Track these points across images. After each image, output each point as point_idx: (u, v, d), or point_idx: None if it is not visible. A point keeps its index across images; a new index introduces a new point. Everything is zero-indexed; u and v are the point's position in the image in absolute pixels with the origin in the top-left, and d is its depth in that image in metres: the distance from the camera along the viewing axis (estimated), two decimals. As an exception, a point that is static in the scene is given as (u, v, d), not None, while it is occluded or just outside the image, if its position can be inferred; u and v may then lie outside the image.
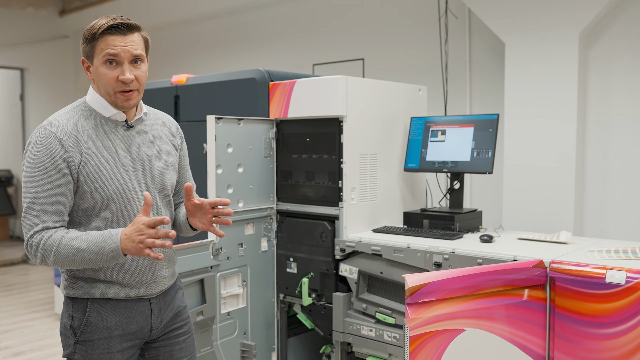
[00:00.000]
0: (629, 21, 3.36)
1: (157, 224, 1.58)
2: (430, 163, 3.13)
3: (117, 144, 1.77)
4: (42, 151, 1.67)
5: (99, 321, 1.75)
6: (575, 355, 2.22)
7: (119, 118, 1.79)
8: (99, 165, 1.71)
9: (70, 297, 1.78)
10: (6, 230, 8.36)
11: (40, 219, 1.66)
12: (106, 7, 6.55)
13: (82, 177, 1.69)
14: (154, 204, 1.83)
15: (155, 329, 1.86)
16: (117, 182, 1.73)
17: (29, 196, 1.67)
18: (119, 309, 1.77)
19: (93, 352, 1.74)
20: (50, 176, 1.66)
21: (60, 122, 1.72)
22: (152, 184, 1.82)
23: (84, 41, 1.76)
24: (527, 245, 2.67)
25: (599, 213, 3.50)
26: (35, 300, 5.49)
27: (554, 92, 3.45)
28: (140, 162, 1.81)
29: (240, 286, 3.02)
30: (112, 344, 1.76)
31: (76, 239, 1.64)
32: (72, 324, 1.76)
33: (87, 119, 1.76)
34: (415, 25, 4.42)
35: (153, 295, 1.84)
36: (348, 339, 2.94)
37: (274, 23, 5.46)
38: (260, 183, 3.10)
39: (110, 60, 1.72)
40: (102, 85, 1.74)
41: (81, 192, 1.71)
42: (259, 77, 3.18)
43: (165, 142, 1.91)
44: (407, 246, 2.73)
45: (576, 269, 2.23)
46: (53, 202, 1.67)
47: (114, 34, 1.71)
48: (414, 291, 2.07)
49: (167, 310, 1.90)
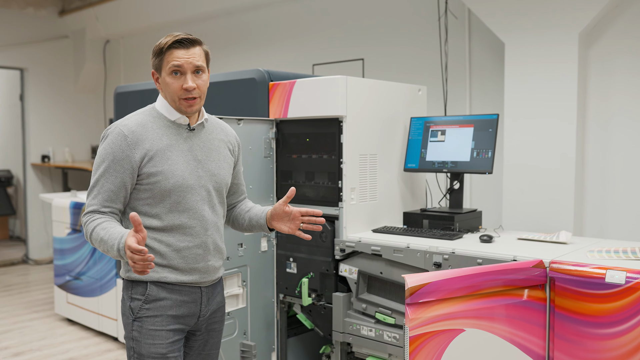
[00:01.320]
0: (628, 21, 3.36)
1: (139, 253, 1.66)
2: (430, 163, 3.13)
3: (180, 144, 1.97)
4: (110, 145, 1.90)
5: (156, 300, 1.93)
6: (575, 355, 2.22)
7: (183, 122, 1.99)
8: (162, 161, 1.91)
9: (130, 280, 1.97)
10: (6, 230, 8.36)
11: (93, 201, 1.90)
12: (106, 7, 6.55)
13: (146, 171, 1.90)
14: (210, 200, 2.00)
15: (203, 317, 2.03)
16: (176, 177, 1.92)
17: (93, 181, 1.93)
18: (173, 292, 1.95)
19: (147, 328, 1.92)
20: (111, 168, 1.89)
21: (129, 122, 1.94)
22: (209, 181, 2.00)
23: (154, 56, 1.96)
24: (526, 246, 2.67)
25: (598, 213, 3.50)
26: (35, 300, 5.49)
27: (553, 92, 3.45)
28: (200, 161, 1.99)
29: (240, 286, 3.02)
30: (165, 322, 1.94)
31: (104, 229, 1.83)
32: (131, 304, 1.95)
33: (155, 120, 1.96)
34: (415, 25, 4.42)
35: (204, 285, 2.02)
36: (348, 339, 2.94)
37: (274, 23, 5.46)
38: (260, 183, 3.10)
39: (175, 71, 1.92)
40: (169, 93, 1.95)
41: (144, 183, 1.91)
42: (259, 77, 3.18)
43: (223, 147, 2.09)
44: (407, 246, 2.73)
45: (576, 269, 2.23)
46: (107, 191, 1.89)
47: (178, 48, 1.91)
48: (413, 291, 2.07)
49: (214, 302, 2.07)
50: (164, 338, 1.93)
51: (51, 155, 7.16)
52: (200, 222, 1.97)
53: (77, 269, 4.57)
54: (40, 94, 7.12)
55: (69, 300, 4.71)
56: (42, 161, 7.14)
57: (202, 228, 1.98)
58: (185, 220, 1.95)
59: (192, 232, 1.96)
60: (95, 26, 6.89)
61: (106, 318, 4.34)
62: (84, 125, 7.46)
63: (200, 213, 1.97)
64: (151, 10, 6.16)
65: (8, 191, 8.18)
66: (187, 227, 1.95)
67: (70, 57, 7.38)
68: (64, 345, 4.31)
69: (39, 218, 7.20)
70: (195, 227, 1.96)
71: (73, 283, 4.63)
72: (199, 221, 1.97)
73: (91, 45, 7.19)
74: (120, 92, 4.02)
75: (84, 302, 4.53)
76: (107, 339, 4.39)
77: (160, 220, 1.93)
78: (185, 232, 1.95)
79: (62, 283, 4.76)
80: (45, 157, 7.13)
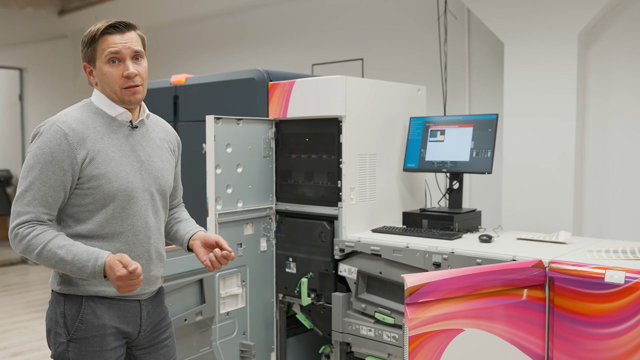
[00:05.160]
0: (628, 21, 3.36)
1: (133, 278, 1.60)
2: (430, 163, 3.13)
3: (122, 143, 1.80)
4: (46, 144, 1.70)
5: (93, 318, 1.76)
6: (575, 355, 2.22)
7: (125, 118, 1.82)
8: (104, 163, 1.74)
9: (62, 294, 1.79)
10: (5, 230, 8.36)
11: (28, 209, 1.69)
12: (105, 7, 6.55)
13: (87, 173, 1.72)
14: (154, 205, 1.86)
15: (143, 331, 1.87)
16: (121, 180, 1.76)
17: (24, 184, 1.71)
18: (112, 307, 1.79)
19: (87, 350, 1.75)
20: (48, 169, 1.69)
21: (68, 119, 1.74)
22: (152, 184, 1.85)
23: (85, 46, 1.81)
24: (526, 245, 2.67)
25: (598, 213, 3.50)
26: (34, 300, 5.49)
27: (553, 92, 3.45)
28: (144, 162, 1.83)
29: (240, 286, 3.01)
30: (106, 341, 1.77)
31: (62, 247, 1.66)
32: (64, 321, 1.77)
33: (95, 117, 1.78)
34: (414, 25, 4.42)
35: (144, 297, 1.86)
36: (347, 339, 2.94)
37: (273, 23, 5.46)
38: (259, 183, 3.10)
39: (112, 58, 1.76)
40: (108, 84, 1.78)
41: (85, 187, 1.73)
42: (258, 77, 3.18)
43: (164, 147, 1.94)
44: (406, 246, 2.73)
45: (575, 269, 2.24)
46: (44, 195, 1.69)
47: (112, 34, 1.76)
48: (413, 291, 2.07)
49: (155, 314, 1.92)
50: (106, 358, 1.77)
51: (50, 155, 7.15)
52: (144, 230, 1.82)
53: (77, 268, 4.56)
54: (40, 94, 7.12)
55: (68, 300, 4.70)
56: (41, 161, 7.14)
57: (145, 236, 1.82)
58: (129, 227, 1.78)
59: (134, 241, 1.80)
60: (95, 26, 6.89)
61: (105, 318, 4.34)
62: (84, 125, 7.46)
63: (144, 219, 1.81)
64: (150, 10, 6.15)
65: (7, 191, 8.18)
66: (130, 235, 1.79)
67: (70, 57, 7.38)
68: (63, 345, 4.31)
69: (38, 218, 7.19)
70: (138, 235, 1.80)
71: (72, 283, 4.63)
72: (142, 228, 1.81)
73: (90, 45, 7.18)
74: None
75: (84, 302, 4.53)
76: (106, 339, 4.39)
77: (101, 227, 1.75)
78: (127, 240, 1.79)
79: (61, 283, 4.76)
80: (45, 157, 7.13)
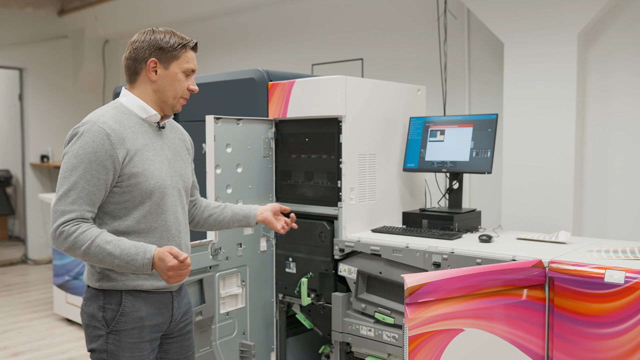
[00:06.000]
0: (628, 21, 3.36)
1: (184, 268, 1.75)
2: (429, 163, 3.13)
3: (154, 142, 1.94)
4: (89, 144, 1.78)
5: (133, 311, 1.87)
6: (574, 355, 2.22)
7: (154, 120, 1.96)
8: (142, 161, 1.86)
9: (101, 290, 1.88)
10: (5, 231, 8.35)
11: (73, 207, 1.76)
12: (105, 7, 6.55)
13: (127, 172, 1.83)
14: (181, 201, 2.00)
15: (174, 322, 2.01)
16: (156, 178, 1.88)
17: (67, 184, 1.77)
18: (148, 300, 1.91)
19: (126, 342, 1.86)
20: (92, 168, 1.77)
21: (107, 119, 1.84)
22: (179, 181, 2.00)
23: (169, 46, 1.91)
24: (526, 245, 2.67)
25: (598, 213, 3.50)
26: (34, 300, 5.49)
27: (552, 91, 3.45)
28: (171, 161, 1.98)
29: (239, 286, 3.01)
30: (144, 333, 1.89)
31: (109, 243, 1.75)
32: (104, 315, 1.86)
33: (127, 118, 1.90)
34: (414, 25, 4.42)
35: (175, 289, 2.00)
36: (347, 339, 2.94)
37: (273, 23, 5.46)
38: (259, 183, 3.10)
39: (188, 72, 1.97)
40: (172, 88, 1.94)
41: (124, 185, 1.83)
42: (258, 77, 3.17)
43: (182, 146, 2.09)
44: (406, 246, 2.73)
45: (575, 269, 2.24)
46: (89, 194, 1.78)
47: (194, 51, 2.00)
48: (413, 291, 2.07)
49: (182, 305, 2.05)
50: (143, 350, 1.88)
51: (50, 155, 7.16)
52: (175, 225, 1.95)
53: (76, 269, 4.57)
54: (40, 94, 7.12)
55: (68, 300, 4.70)
56: (41, 161, 7.14)
57: (177, 230, 1.96)
58: (162, 223, 1.91)
59: (167, 236, 1.92)
60: (95, 26, 6.89)
61: (105, 318, 4.34)
62: (83, 125, 7.46)
63: (175, 215, 1.95)
64: (150, 10, 6.15)
65: (7, 191, 8.18)
66: (164, 230, 1.92)
67: (70, 57, 7.38)
68: (63, 345, 4.31)
69: (38, 218, 7.20)
70: (170, 230, 1.93)
71: (72, 283, 4.63)
72: (174, 223, 1.95)
73: (90, 45, 7.18)
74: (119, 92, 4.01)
75: (83, 302, 4.53)
76: (106, 339, 4.39)
77: (137, 223, 1.87)
78: (161, 235, 1.91)
79: (61, 283, 4.76)
80: (45, 157, 7.13)
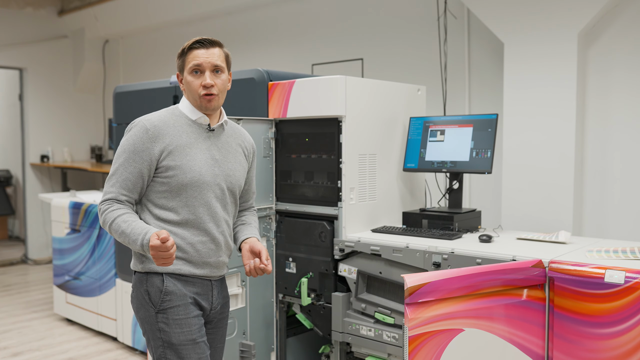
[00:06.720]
0: (628, 20, 3.36)
1: (162, 249, 1.83)
2: (429, 163, 3.13)
3: (200, 142, 2.08)
4: (132, 137, 2.02)
5: (175, 289, 2.02)
6: (574, 355, 2.22)
7: (203, 122, 2.10)
8: (180, 156, 2.02)
9: (144, 272, 2.05)
10: (5, 230, 8.35)
11: (112, 189, 2.01)
12: (105, 7, 6.54)
13: (164, 164, 2.01)
14: (223, 198, 2.11)
15: (214, 309, 2.13)
16: (193, 172, 2.03)
17: (112, 169, 2.04)
18: (187, 283, 2.05)
19: (174, 318, 2.01)
20: (130, 158, 2.00)
21: (152, 117, 2.06)
22: (223, 180, 2.10)
23: (178, 58, 2.11)
24: (526, 245, 2.67)
25: (598, 213, 3.50)
26: (34, 300, 5.49)
27: (553, 91, 3.44)
28: (217, 160, 2.10)
29: (240, 286, 3.01)
30: (189, 309, 2.03)
31: (126, 222, 1.94)
32: (149, 297, 2.03)
33: (177, 118, 2.08)
34: (414, 25, 4.42)
35: (214, 279, 2.13)
36: (347, 339, 2.94)
37: (273, 23, 5.46)
38: (259, 183, 3.10)
39: (195, 69, 2.05)
40: (191, 92, 2.07)
41: (162, 176, 2.02)
42: (258, 77, 3.17)
43: (239, 151, 2.20)
44: (406, 246, 2.73)
45: (575, 269, 2.24)
46: (125, 180, 2.00)
47: (198, 48, 2.05)
48: (413, 291, 2.07)
49: (222, 295, 2.19)
50: (192, 325, 2.02)
51: (50, 155, 7.15)
52: (213, 218, 2.07)
53: (76, 269, 4.56)
54: (40, 94, 7.12)
55: (68, 300, 4.70)
56: (41, 161, 7.14)
57: (215, 224, 2.08)
58: (200, 215, 2.04)
59: (205, 228, 2.05)
60: (95, 26, 6.89)
61: (105, 318, 4.34)
62: (83, 125, 7.46)
63: (214, 209, 2.07)
64: (150, 10, 6.15)
65: (7, 191, 8.18)
66: (201, 222, 2.05)
67: (70, 57, 7.37)
68: (63, 345, 4.31)
69: (38, 218, 7.20)
70: (208, 223, 2.06)
71: (72, 283, 4.63)
72: (211, 217, 2.06)
73: (90, 45, 7.18)
74: (120, 92, 4.01)
75: (83, 302, 4.53)
76: (106, 339, 4.38)
77: (176, 213, 2.03)
78: (199, 227, 2.05)
79: (61, 283, 4.76)
80: (45, 157, 7.13)
